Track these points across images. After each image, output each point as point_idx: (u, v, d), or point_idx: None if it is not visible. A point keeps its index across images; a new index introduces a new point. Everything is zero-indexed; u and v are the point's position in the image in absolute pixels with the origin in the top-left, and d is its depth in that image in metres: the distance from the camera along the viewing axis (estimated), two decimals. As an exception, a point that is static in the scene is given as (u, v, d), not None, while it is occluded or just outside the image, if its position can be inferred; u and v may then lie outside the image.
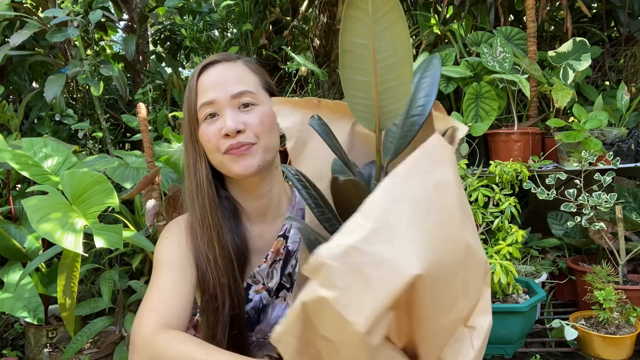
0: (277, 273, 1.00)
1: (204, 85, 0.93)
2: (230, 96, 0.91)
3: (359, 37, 0.55)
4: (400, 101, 0.58)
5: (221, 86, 0.92)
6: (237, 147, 0.90)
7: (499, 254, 1.64)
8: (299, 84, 2.48)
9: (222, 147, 0.91)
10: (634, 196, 2.03)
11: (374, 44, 0.54)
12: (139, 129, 2.08)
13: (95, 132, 2.75)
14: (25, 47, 3.01)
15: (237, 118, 0.90)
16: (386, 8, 0.53)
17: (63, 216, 1.54)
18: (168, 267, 0.91)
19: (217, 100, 0.91)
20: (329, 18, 2.69)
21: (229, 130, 0.89)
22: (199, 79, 0.94)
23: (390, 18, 0.53)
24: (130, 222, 2.05)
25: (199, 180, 0.94)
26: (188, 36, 2.57)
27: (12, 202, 2.25)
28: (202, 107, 0.92)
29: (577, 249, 2.15)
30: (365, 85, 0.57)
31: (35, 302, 1.88)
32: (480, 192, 1.74)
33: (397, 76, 0.56)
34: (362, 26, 0.54)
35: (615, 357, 1.55)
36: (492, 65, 1.89)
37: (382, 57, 0.55)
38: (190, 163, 0.96)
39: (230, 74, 0.94)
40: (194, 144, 0.95)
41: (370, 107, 0.59)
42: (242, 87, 0.92)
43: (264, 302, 0.99)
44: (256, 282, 0.99)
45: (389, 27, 0.53)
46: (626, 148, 1.81)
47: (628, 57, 2.24)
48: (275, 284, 0.99)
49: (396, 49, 0.55)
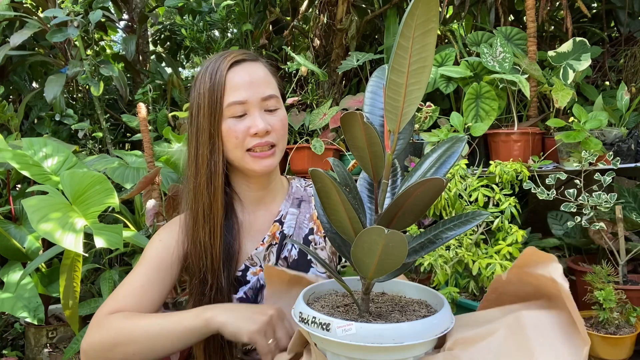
0: (274, 256, 1.05)
1: (235, 83, 0.97)
2: (261, 99, 0.98)
3: (404, 39, 0.57)
4: (414, 104, 0.61)
5: (253, 87, 0.98)
6: (263, 145, 0.98)
7: (499, 254, 1.64)
8: (299, 84, 2.48)
9: (248, 145, 0.98)
10: (634, 196, 2.03)
11: (412, 46, 0.57)
12: (139, 129, 2.08)
13: (95, 132, 2.75)
14: (25, 47, 3.01)
15: (265, 120, 0.98)
16: (428, 15, 0.55)
17: (63, 216, 1.54)
18: (148, 264, 0.98)
19: (249, 101, 0.97)
20: (329, 18, 2.69)
21: (260, 130, 0.96)
22: (228, 75, 0.97)
23: (427, 25, 0.55)
24: (130, 222, 2.05)
25: (214, 173, 0.98)
26: (188, 36, 2.57)
27: (12, 202, 2.25)
28: (232, 105, 0.96)
29: (577, 249, 2.15)
30: (397, 86, 0.59)
31: (35, 302, 1.88)
32: (480, 192, 1.74)
33: (417, 81, 0.59)
34: (408, 29, 0.56)
35: (615, 357, 1.55)
36: (492, 65, 1.89)
37: (412, 60, 0.58)
38: (204, 154, 0.99)
39: (258, 75, 1.00)
40: (213, 137, 0.98)
41: (397, 108, 0.61)
42: (270, 90, 1.00)
43: (261, 283, 1.03)
44: (254, 265, 1.04)
45: (425, 34, 0.56)
46: (626, 148, 1.81)
47: (628, 57, 2.24)
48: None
49: (424, 56, 0.57)
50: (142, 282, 0.95)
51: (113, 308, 0.91)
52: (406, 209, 0.62)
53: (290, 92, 2.34)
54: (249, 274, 1.04)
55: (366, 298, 0.69)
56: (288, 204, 1.10)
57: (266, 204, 1.09)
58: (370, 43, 2.95)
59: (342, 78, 2.73)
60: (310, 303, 0.72)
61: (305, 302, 0.70)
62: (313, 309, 0.68)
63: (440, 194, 0.59)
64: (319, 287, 0.79)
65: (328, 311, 0.69)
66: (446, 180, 0.57)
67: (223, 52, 1.03)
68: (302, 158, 2.15)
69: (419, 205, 0.62)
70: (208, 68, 1.00)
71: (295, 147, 2.13)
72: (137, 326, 0.85)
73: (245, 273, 1.03)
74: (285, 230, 1.07)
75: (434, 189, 0.59)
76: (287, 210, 1.09)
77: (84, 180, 1.72)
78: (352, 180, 0.70)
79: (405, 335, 0.60)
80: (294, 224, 1.08)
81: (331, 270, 0.71)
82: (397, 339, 0.60)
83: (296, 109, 2.35)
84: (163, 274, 0.98)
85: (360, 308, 0.69)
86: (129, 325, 0.86)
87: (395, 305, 0.73)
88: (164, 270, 0.98)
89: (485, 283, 1.45)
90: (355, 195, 0.68)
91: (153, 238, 1.04)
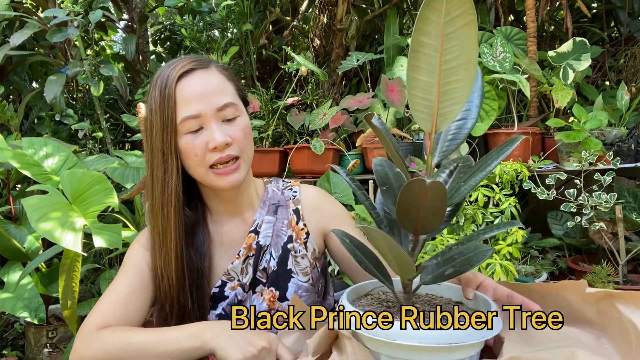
0: (251, 268, 1.01)
1: (186, 97, 0.90)
2: (216, 109, 0.91)
3: (429, 38, 0.55)
4: (459, 103, 0.59)
5: (205, 99, 0.90)
6: (225, 160, 0.91)
7: (499, 254, 1.64)
8: (299, 84, 2.48)
9: (210, 161, 0.91)
10: (634, 196, 2.03)
11: (443, 45, 0.55)
12: (139, 129, 2.08)
13: (95, 132, 2.75)
14: (25, 47, 3.01)
15: (224, 131, 0.91)
16: (460, 10, 0.53)
17: (62, 215, 1.54)
18: (131, 272, 0.95)
19: (203, 114, 0.90)
20: (329, 18, 2.69)
21: (219, 144, 0.89)
22: (177, 87, 0.90)
23: (462, 20, 0.54)
24: (130, 222, 2.05)
25: (168, 195, 0.92)
26: (188, 36, 2.57)
27: (12, 202, 2.25)
28: (186, 120, 0.90)
29: (577, 249, 2.15)
30: (428, 85, 0.58)
31: (36, 301, 1.88)
32: (480, 192, 1.74)
33: (460, 79, 0.57)
34: (433, 27, 0.54)
35: (615, 357, 1.55)
36: (492, 65, 1.89)
37: (448, 58, 0.56)
38: (157, 175, 0.93)
39: (211, 85, 0.92)
40: (167, 155, 0.91)
41: (430, 108, 0.59)
42: (226, 98, 0.92)
43: (239, 298, 1.00)
44: (231, 279, 1.00)
45: (460, 29, 0.54)
46: (626, 148, 1.81)
47: (628, 57, 2.24)
48: (249, 279, 1.00)
49: (463, 52, 0.55)
50: (127, 292, 0.92)
51: (101, 322, 0.88)
52: (425, 209, 0.60)
53: (290, 92, 2.34)
54: (227, 289, 0.99)
55: (407, 297, 0.69)
56: (263, 211, 1.05)
57: (240, 213, 1.03)
58: (370, 43, 2.95)
59: (342, 78, 2.73)
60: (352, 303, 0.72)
61: (349, 302, 0.70)
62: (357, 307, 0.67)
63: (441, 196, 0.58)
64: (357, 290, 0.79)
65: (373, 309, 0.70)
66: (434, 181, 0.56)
67: (172, 61, 0.95)
68: (302, 158, 2.15)
69: (434, 206, 0.60)
70: (157, 81, 0.92)
71: (295, 147, 2.13)
72: (131, 343, 0.82)
73: (223, 289, 0.99)
74: (261, 240, 1.02)
75: (433, 191, 0.58)
76: (263, 219, 1.04)
77: (84, 180, 1.72)
78: (395, 179, 0.70)
79: (456, 336, 0.59)
80: (271, 233, 1.03)
81: (378, 275, 0.70)
82: (446, 340, 0.59)
83: (296, 109, 2.35)
84: (146, 280, 0.94)
85: (401, 306, 0.69)
86: (122, 341, 0.83)
87: (434, 306, 0.73)
88: (146, 277, 0.95)
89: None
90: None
91: (133, 244, 1.00)
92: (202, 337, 0.79)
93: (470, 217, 1.72)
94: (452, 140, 0.66)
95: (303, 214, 1.05)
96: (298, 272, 1.03)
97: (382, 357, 0.64)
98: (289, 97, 2.30)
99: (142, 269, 0.95)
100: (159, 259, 0.93)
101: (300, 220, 1.05)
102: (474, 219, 1.72)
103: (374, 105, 2.20)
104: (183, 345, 0.80)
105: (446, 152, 0.66)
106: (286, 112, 2.31)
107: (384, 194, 0.70)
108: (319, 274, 1.06)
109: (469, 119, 0.66)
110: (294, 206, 1.06)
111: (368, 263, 0.71)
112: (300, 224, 1.05)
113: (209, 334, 0.79)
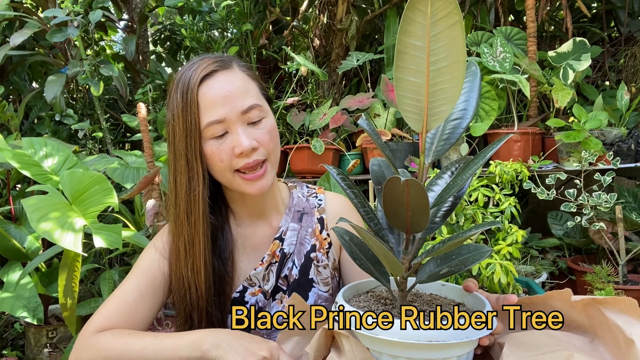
0: (273, 275, 0.99)
1: (209, 101, 0.87)
2: (241, 112, 0.88)
3: (415, 39, 0.56)
4: (449, 104, 0.59)
5: (229, 102, 0.87)
6: (252, 165, 0.88)
7: (499, 254, 1.64)
8: (299, 84, 2.48)
9: (236, 166, 0.88)
10: (634, 196, 2.03)
11: (430, 46, 0.55)
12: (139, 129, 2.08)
13: (95, 132, 2.75)
14: (25, 47, 3.01)
15: (250, 135, 0.88)
16: (445, 11, 0.53)
17: (62, 216, 1.54)
18: (141, 277, 0.92)
19: (228, 118, 0.87)
20: (329, 18, 2.69)
21: (245, 149, 0.86)
22: (200, 92, 0.87)
23: (448, 21, 0.54)
24: (130, 222, 2.05)
25: (195, 202, 0.90)
26: (188, 36, 2.57)
27: (12, 202, 2.25)
28: (210, 125, 0.86)
29: (577, 249, 2.15)
30: (417, 86, 0.58)
31: (35, 302, 1.88)
32: (480, 192, 1.74)
33: (449, 79, 0.57)
34: (419, 28, 0.55)
35: (615, 357, 1.55)
36: (492, 65, 1.89)
37: (436, 59, 0.56)
38: (181, 182, 0.90)
39: (234, 87, 0.89)
40: (192, 162, 0.88)
41: (419, 109, 0.59)
42: (250, 100, 0.89)
43: (260, 305, 0.99)
44: (252, 285, 0.99)
45: (446, 30, 0.54)
46: (626, 148, 1.81)
47: (628, 57, 2.24)
48: (271, 287, 0.99)
49: (451, 52, 0.56)
50: (134, 297, 0.89)
51: (103, 325, 0.86)
52: (412, 207, 0.60)
53: (290, 92, 2.34)
54: (247, 295, 0.98)
55: (402, 295, 0.69)
56: (289, 218, 1.02)
57: (264, 217, 1.01)
58: (370, 43, 2.95)
59: (342, 78, 2.73)
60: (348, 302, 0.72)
61: (346, 301, 0.70)
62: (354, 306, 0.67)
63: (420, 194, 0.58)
64: (352, 289, 0.79)
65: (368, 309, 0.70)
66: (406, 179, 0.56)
67: (193, 62, 0.92)
68: (302, 158, 2.15)
69: (417, 204, 0.61)
70: (179, 84, 0.89)
71: (295, 147, 2.12)
72: (129, 348, 0.81)
73: (244, 294, 0.98)
74: (285, 248, 1.00)
75: (414, 189, 0.58)
76: (288, 226, 1.01)
77: (84, 180, 1.72)
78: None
79: (450, 334, 0.60)
80: (295, 241, 1.01)
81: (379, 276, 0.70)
82: (440, 337, 0.59)
83: (296, 109, 2.35)
84: (157, 287, 0.92)
85: (398, 305, 0.69)
86: (121, 346, 0.81)
87: (433, 305, 0.73)
88: (158, 283, 0.93)
89: (485, 283, 1.45)
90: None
91: (148, 247, 0.97)
92: (201, 348, 0.77)
93: (470, 217, 1.72)
94: (447, 140, 0.66)
95: (327, 223, 1.04)
96: (319, 281, 1.01)
97: (372, 352, 0.64)
98: (289, 97, 2.30)
99: (154, 275, 0.93)
100: (185, 270, 0.90)
101: (324, 229, 1.03)
102: (474, 219, 1.72)
103: (374, 105, 2.20)
104: (182, 355, 0.78)
105: (441, 151, 0.66)
106: (286, 112, 2.31)
107: (379, 193, 0.70)
108: (337, 284, 1.05)
109: (465, 119, 0.65)
110: (318, 215, 1.04)
111: (365, 260, 0.71)
112: (324, 234, 1.03)
113: (208, 343, 0.77)
